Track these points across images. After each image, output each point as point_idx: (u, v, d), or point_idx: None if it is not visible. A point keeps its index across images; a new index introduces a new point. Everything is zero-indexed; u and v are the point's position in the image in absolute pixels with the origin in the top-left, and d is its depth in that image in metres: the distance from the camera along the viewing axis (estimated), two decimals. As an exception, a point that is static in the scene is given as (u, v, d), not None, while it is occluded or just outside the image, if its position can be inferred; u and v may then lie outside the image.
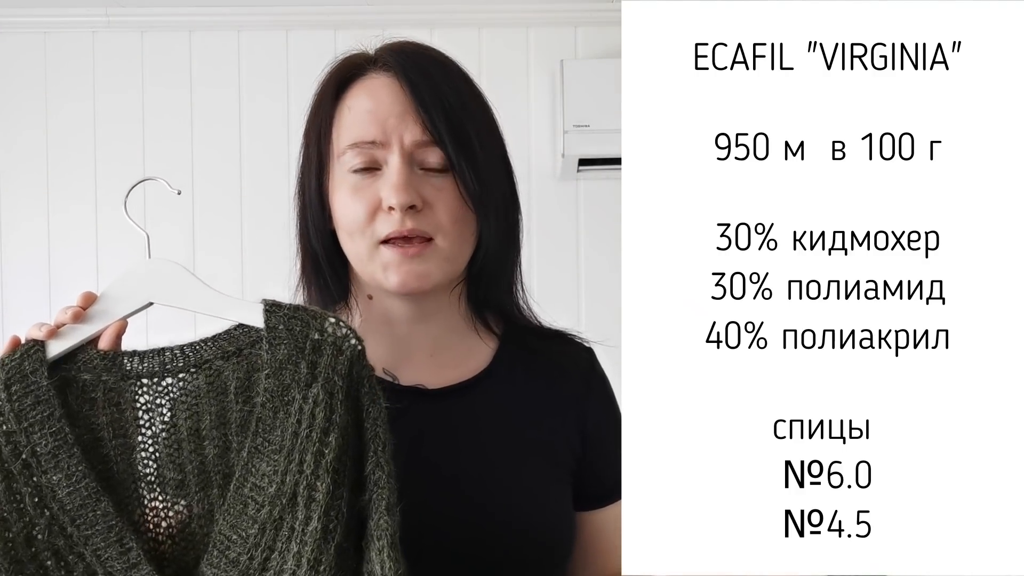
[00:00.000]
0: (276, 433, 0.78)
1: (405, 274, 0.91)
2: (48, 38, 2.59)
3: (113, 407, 0.80)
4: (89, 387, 0.80)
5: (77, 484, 0.76)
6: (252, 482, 0.77)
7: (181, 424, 0.80)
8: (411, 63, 0.94)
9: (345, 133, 0.93)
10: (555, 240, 2.59)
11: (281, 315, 0.81)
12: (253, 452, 0.78)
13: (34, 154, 2.58)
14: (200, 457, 0.80)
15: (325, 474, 0.76)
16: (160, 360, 0.81)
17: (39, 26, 2.57)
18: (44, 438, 0.77)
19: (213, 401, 0.80)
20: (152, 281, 0.85)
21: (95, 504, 0.76)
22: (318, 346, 0.79)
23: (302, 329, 0.80)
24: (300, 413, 0.77)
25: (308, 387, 0.78)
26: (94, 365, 0.81)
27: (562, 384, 1.00)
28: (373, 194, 0.91)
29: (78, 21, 2.57)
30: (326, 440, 0.76)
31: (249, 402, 0.80)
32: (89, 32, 2.59)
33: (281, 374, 0.79)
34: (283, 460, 0.77)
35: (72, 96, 2.59)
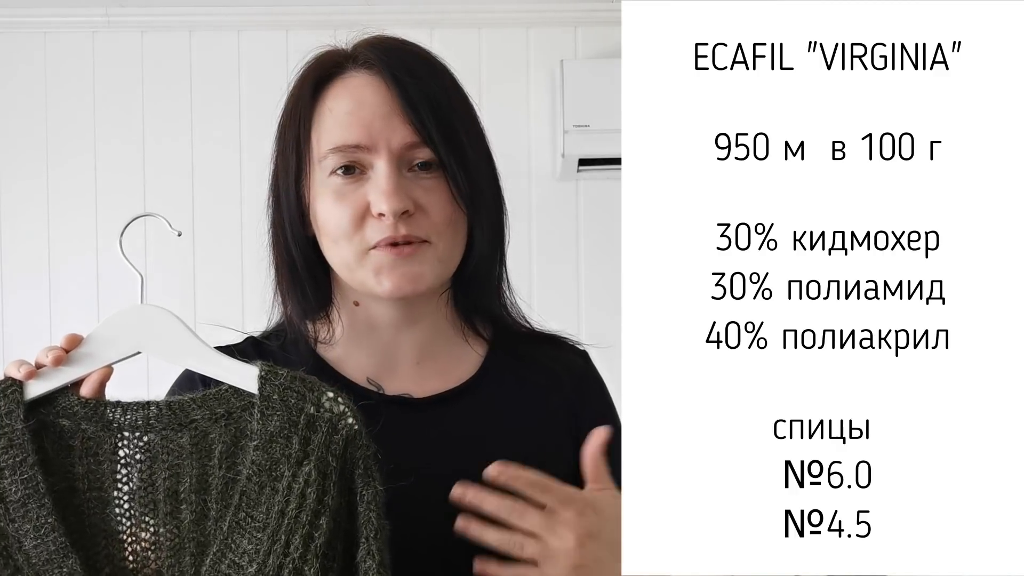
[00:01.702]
0: (261, 509, 0.75)
1: (399, 278, 0.88)
2: (48, 38, 2.59)
3: (91, 457, 0.77)
4: (67, 434, 0.77)
5: (45, 537, 0.73)
6: (231, 559, 0.74)
7: (159, 483, 0.77)
8: (395, 60, 0.90)
9: (326, 136, 0.89)
10: (555, 240, 2.59)
11: (277, 383, 0.78)
12: (234, 527, 0.75)
13: (34, 154, 2.58)
14: (176, 521, 0.76)
15: (314, 559, 0.73)
16: (144, 414, 0.78)
17: (39, 26, 2.58)
18: (15, 484, 0.74)
19: (195, 463, 0.77)
20: (142, 328, 0.81)
21: (62, 560, 0.73)
22: (312, 422, 0.77)
23: (297, 401, 0.77)
24: (289, 492, 0.74)
25: (299, 465, 0.75)
26: (74, 412, 0.77)
27: (554, 390, 0.98)
28: (359, 199, 0.88)
29: (78, 21, 2.57)
30: (317, 523, 0.74)
31: (233, 469, 0.77)
32: (89, 32, 2.59)
33: (271, 447, 0.76)
34: (267, 540, 0.74)
35: (72, 96, 2.59)
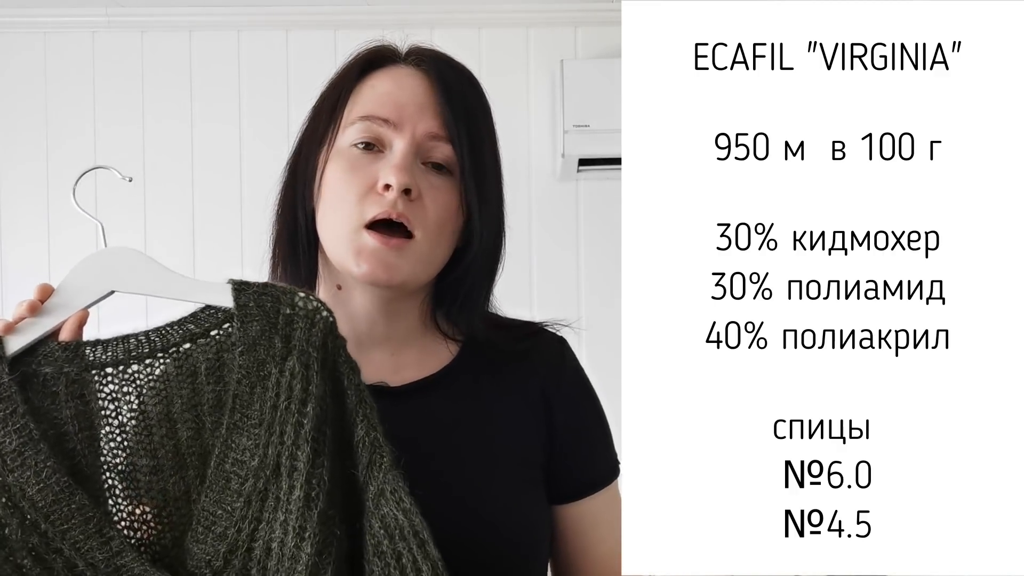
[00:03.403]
0: (255, 408, 0.78)
1: (377, 263, 0.89)
2: (48, 38, 2.59)
3: (77, 399, 0.78)
4: (51, 380, 0.78)
5: (47, 480, 0.75)
6: (233, 457, 0.77)
7: (151, 410, 0.79)
8: (443, 65, 0.95)
9: (360, 106, 0.93)
10: (555, 240, 2.59)
11: (250, 293, 0.81)
12: (232, 428, 0.78)
13: (34, 154, 2.58)
14: (173, 440, 0.79)
15: (304, 444, 0.76)
16: (124, 348, 0.80)
17: (39, 26, 2.57)
18: (8, 436, 0.75)
19: (184, 384, 0.80)
20: (112, 269, 0.83)
21: (69, 498, 0.75)
22: (290, 320, 0.80)
23: (273, 305, 0.80)
24: (278, 386, 0.78)
25: (284, 360, 0.78)
26: (55, 357, 0.79)
27: (527, 378, 0.98)
28: (370, 174, 0.90)
29: (78, 21, 2.57)
30: (304, 411, 0.77)
31: (221, 381, 0.79)
32: (89, 32, 2.59)
33: (255, 350, 0.79)
34: (264, 433, 0.77)
35: (72, 96, 2.59)
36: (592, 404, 1.01)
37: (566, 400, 0.98)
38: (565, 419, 0.97)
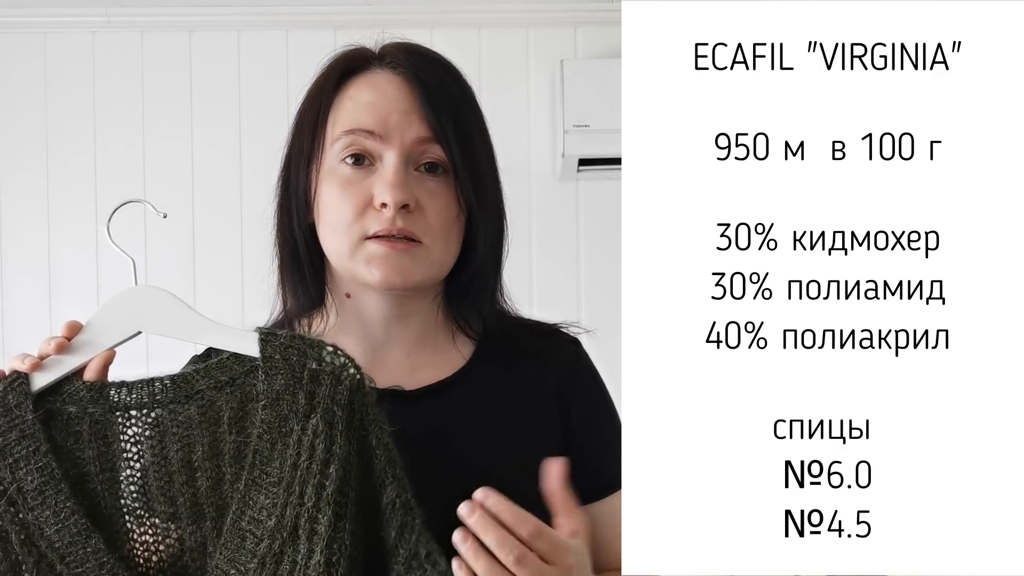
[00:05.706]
0: (274, 465, 0.76)
1: (390, 269, 0.89)
2: (48, 38, 2.59)
3: (99, 440, 0.78)
4: (75, 420, 0.78)
5: (65, 521, 0.75)
6: (250, 515, 0.76)
7: (172, 456, 0.78)
8: (420, 63, 0.93)
9: (342, 119, 0.91)
10: (555, 240, 2.59)
11: (277, 344, 0.79)
12: (250, 484, 0.76)
13: (34, 154, 2.58)
14: (192, 489, 0.78)
15: (327, 506, 0.74)
16: (149, 391, 0.79)
17: (39, 26, 2.57)
18: (30, 474, 0.75)
19: (206, 432, 0.78)
20: (139, 309, 0.82)
21: (85, 541, 0.75)
22: (316, 376, 0.78)
23: (299, 358, 0.79)
24: (299, 445, 0.76)
25: (307, 418, 0.77)
26: (80, 397, 0.78)
27: (543, 379, 0.98)
28: (364, 190, 0.89)
29: (78, 21, 2.57)
30: (326, 472, 0.75)
31: (243, 432, 0.78)
32: (89, 32, 2.59)
33: (278, 405, 0.77)
34: (283, 493, 0.75)
35: (72, 96, 2.59)
36: (607, 406, 1.02)
37: (582, 402, 0.99)
38: (581, 422, 0.98)
